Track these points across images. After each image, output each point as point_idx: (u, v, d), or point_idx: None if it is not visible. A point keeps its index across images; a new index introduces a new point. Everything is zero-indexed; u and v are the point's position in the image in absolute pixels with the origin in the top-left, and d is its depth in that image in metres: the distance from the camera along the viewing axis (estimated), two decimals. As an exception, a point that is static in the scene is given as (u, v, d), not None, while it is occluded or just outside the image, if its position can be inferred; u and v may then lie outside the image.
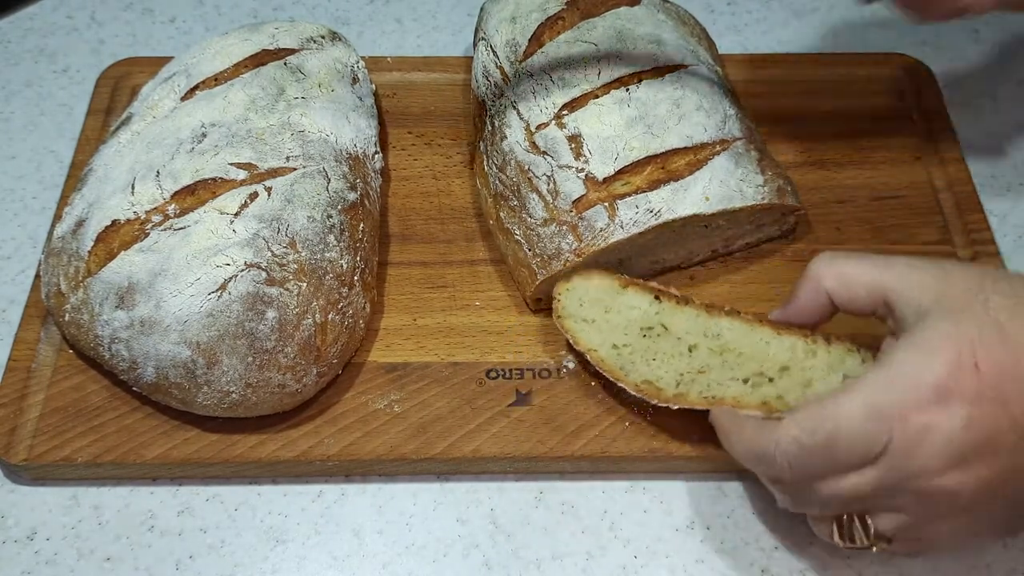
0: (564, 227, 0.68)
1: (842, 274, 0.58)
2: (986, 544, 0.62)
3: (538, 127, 0.71)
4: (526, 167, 0.70)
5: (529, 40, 0.76)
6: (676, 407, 0.61)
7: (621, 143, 0.69)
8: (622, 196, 0.68)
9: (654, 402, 0.61)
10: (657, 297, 0.65)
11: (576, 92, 0.71)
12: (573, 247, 0.68)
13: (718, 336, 0.63)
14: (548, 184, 0.69)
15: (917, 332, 0.52)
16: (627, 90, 0.71)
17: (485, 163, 0.74)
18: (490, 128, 0.75)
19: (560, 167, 0.69)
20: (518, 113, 0.72)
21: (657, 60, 0.73)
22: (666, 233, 0.69)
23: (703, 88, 0.73)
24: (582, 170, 0.68)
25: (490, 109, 0.76)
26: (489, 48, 0.79)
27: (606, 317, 0.65)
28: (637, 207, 0.68)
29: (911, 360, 0.51)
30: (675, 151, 0.69)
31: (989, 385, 0.50)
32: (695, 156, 0.69)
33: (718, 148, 0.70)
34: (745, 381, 0.61)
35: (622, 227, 0.67)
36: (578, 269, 0.67)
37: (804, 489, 0.55)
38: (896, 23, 0.94)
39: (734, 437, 0.58)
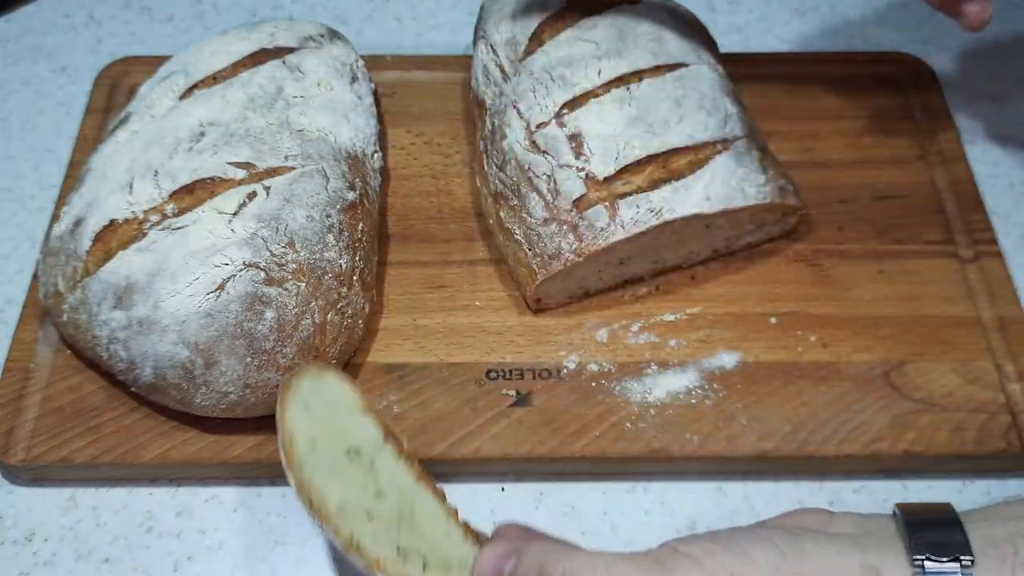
0: (565, 226, 0.68)
1: None
2: None
3: (538, 126, 0.71)
4: (526, 166, 0.70)
5: (529, 38, 0.76)
6: (321, 528, 0.56)
7: (622, 142, 0.69)
8: (623, 195, 0.67)
9: (307, 511, 0.56)
10: (386, 436, 0.58)
11: (577, 91, 0.71)
12: (573, 247, 0.67)
13: (412, 503, 0.57)
14: (548, 183, 0.69)
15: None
16: (628, 89, 0.71)
17: (485, 162, 0.74)
18: (490, 127, 0.74)
19: (560, 166, 0.69)
20: (518, 112, 0.72)
21: (658, 58, 0.73)
22: (667, 233, 0.69)
23: (704, 87, 0.72)
24: (582, 169, 0.68)
25: (490, 108, 0.76)
26: (489, 47, 0.78)
27: (328, 417, 0.58)
28: (638, 206, 0.67)
29: None
30: (676, 150, 0.69)
31: None
32: (696, 155, 0.69)
33: (719, 147, 0.70)
34: (399, 551, 0.55)
35: (623, 226, 0.67)
36: (335, 373, 0.61)
37: None
38: (898, 22, 0.94)
39: None
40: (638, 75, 0.72)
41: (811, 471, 0.66)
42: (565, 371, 0.68)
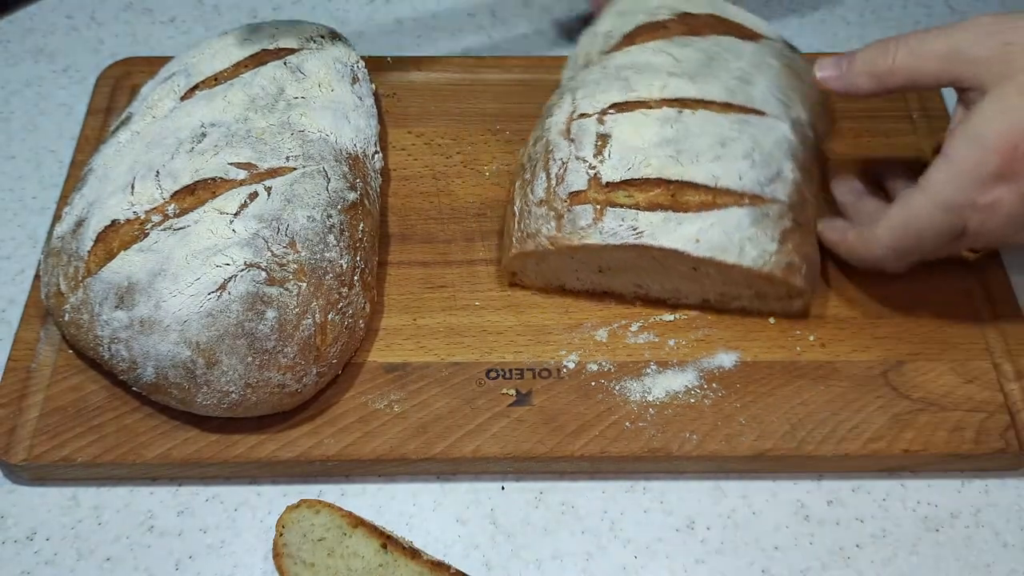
0: (552, 213, 0.68)
1: (914, 50, 0.64)
2: None
3: (580, 115, 0.71)
4: (551, 148, 0.71)
5: (623, 37, 0.76)
6: None
7: (641, 156, 0.67)
8: (616, 205, 0.67)
9: None
10: (384, 545, 0.60)
11: (631, 96, 0.70)
12: (550, 234, 0.68)
13: None
14: (559, 169, 0.69)
15: (975, 122, 0.61)
16: (680, 112, 0.69)
17: (532, 133, 0.75)
18: (548, 104, 0.75)
19: (577, 157, 0.69)
20: (573, 98, 0.72)
21: (734, 97, 0.70)
22: (647, 258, 0.68)
23: (767, 140, 0.69)
24: (594, 167, 0.68)
25: (560, 87, 0.76)
26: (594, 32, 0.79)
27: (327, 562, 0.60)
28: (623, 220, 0.67)
29: (970, 156, 0.60)
30: (692, 185, 0.67)
31: None
32: (712, 198, 0.66)
33: (744, 201, 0.67)
34: None
35: (600, 233, 0.67)
36: (310, 502, 0.62)
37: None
38: (897, 23, 0.94)
39: (841, 248, 0.69)
40: (702, 103, 0.70)
41: (809, 470, 0.66)
42: (565, 371, 0.68)
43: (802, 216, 0.69)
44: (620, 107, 0.70)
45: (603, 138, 0.69)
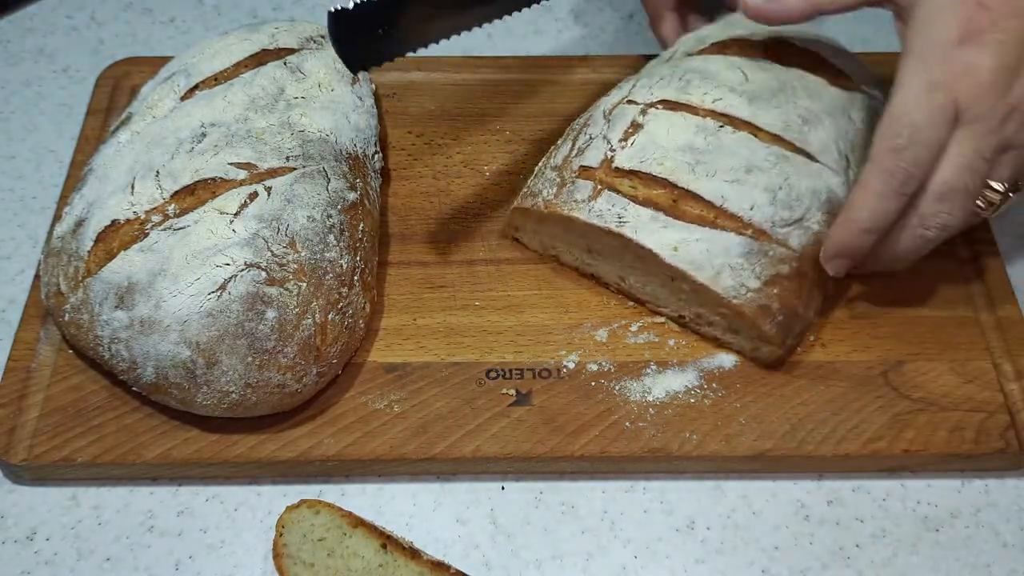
0: (558, 180, 0.70)
1: None
2: None
3: (628, 101, 0.71)
4: (589, 122, 0.72)
5: (712, 44, 0.75)
6: None
7: (659, 154, 0.67)
8: (616, 191, 0.67)
9: None
10: (384, 545, 0.60)
11: (682, 99, 0.70)
12: (548, 198, 0.69)
13: None
14: (584, 142, 0.71)
15: (923, 11, 0.60)
16: (721, 127, 0.68)
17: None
18: (619, 84, 0.76)
19: (604, 137, 0.70)
20: (633, 85, 0.73)
21: (787, 132, 0.68)
22: (631, 254, 0.68)
23: (800, 183, 0.66)
24: (613, 150, 0.69)
25: (636, 74, 0.77)
26: (694, 36, 0.78)
27: (327, 562, 0.60)
28: (613, 206, 0.67)
29: (928, 35, 0.60)
30: (696, 197, 0.66)
31: (999, 8, 0.58)
32: (713, 217, 0.66)
33: (747, 231, 0.65)
34: None
35: (588, 211, 0.67)
36: (310, 502, 0.62)
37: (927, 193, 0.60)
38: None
39: (847, 239, 0.64)
40: (750, 126, 0.68)
41: (809, 470, 0.66)
42: (565, 371, 0.68)
43: (811, 271, 0.67)
44: (669, 105, 0.70)
45: (636, 127, 0.69)
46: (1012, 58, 0.59)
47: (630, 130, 0.69)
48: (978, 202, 0.62)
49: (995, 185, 0.61)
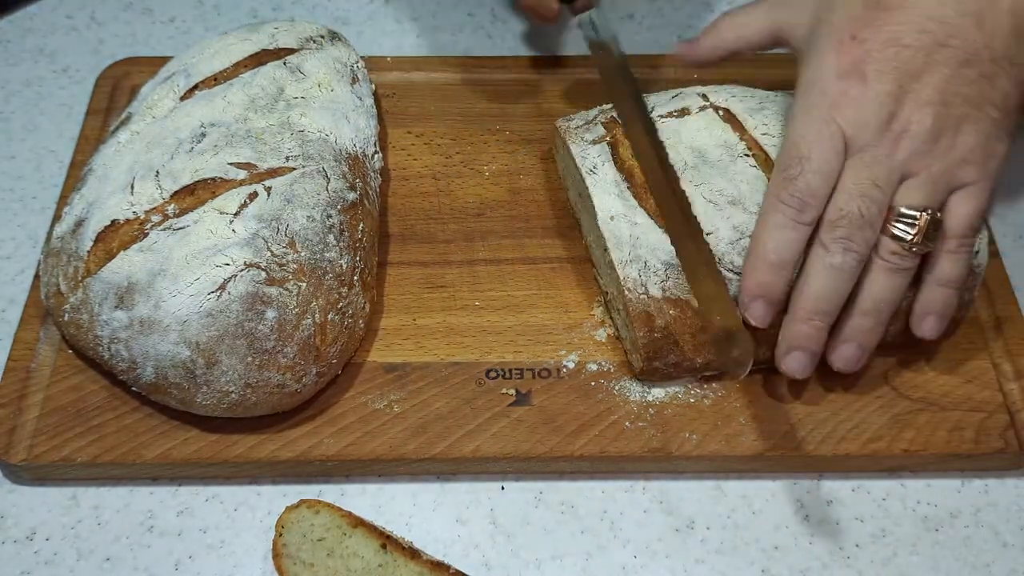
0: (590, 118, 0.74)
1: (740, 25, 0.70)
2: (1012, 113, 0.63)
3: (702, 95, 0.73)
4: (664, 94, 0.74)
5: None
6: None
7: (672, 140, 0.69)
8: (615, 148, 0.70)
9: None
10: (384, 545, 0.60)
11: (742, 116, 0.70)
12: (572, 127, 0.74)
13: None
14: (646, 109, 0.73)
15: (809, 53, 0.64)
16: (747, 155, 0.68)
17: None
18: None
19: (655, 105, 0.72)
20: (721, 87, 0.74)
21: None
22: (589, 213, 0.69)
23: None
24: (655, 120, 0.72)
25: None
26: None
27: (327, 562, 0.60)
28: (599, 156, 0.70)
29: (816, 71, 0.63)
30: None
31: (872, 40, 0.61)
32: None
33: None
34: None
35: (582, 151, 0.71)
36: (310, 502, 0.62)
37: (832, 228, 0.61)
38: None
39: (760, 232, 0.63)
40: (751, 142, 0.69)
41: (809, 470, 0.66)
42: (565, 371, 0.68)
43: (674, 328, 0.65)
44: (729, 115, 0.70)
45: (684, 112, 0.71)
46: (892, 85, 0.60)
47: (677, 112, 0.71)
48: (894, 229, 0.61)
49: (906, 211, 0.60)
